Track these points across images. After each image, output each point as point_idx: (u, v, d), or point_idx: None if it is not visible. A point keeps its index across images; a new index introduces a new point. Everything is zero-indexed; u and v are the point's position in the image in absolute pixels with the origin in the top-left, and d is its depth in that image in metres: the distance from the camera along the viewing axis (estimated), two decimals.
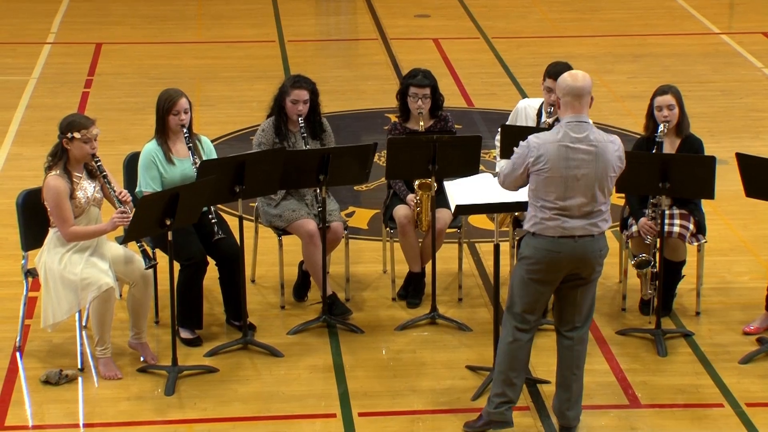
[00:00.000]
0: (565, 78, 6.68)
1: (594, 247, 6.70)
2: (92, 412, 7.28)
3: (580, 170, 6.61)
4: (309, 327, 8.15)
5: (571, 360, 6.89)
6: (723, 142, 11.11)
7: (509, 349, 6.85)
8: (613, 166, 6.67)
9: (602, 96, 12.58)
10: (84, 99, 12.52)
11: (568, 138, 6.61)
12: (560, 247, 6.67)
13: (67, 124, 7.42)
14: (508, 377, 6.86)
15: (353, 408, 7.27)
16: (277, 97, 8.30)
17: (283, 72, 13.17)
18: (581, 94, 6.64)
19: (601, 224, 6.71)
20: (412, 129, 8.40)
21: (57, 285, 7.44)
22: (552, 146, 6.61)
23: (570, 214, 6.64)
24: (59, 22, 15.27)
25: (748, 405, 7.29)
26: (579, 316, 6.86)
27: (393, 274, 8.61)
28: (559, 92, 6.69)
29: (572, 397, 6.92)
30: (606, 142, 6.66)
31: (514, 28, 15.08)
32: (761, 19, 15.40)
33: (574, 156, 6.60)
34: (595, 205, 6.66)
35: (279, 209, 8.28)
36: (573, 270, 6.73)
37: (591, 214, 6.66)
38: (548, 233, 6.66)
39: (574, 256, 6.68)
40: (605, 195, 6.69)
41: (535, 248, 6.72)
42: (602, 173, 6.64)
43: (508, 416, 6.90)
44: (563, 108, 6.68)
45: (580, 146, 6.61)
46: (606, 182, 6.66)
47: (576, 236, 6.66)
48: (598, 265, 6.77)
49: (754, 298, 8.36)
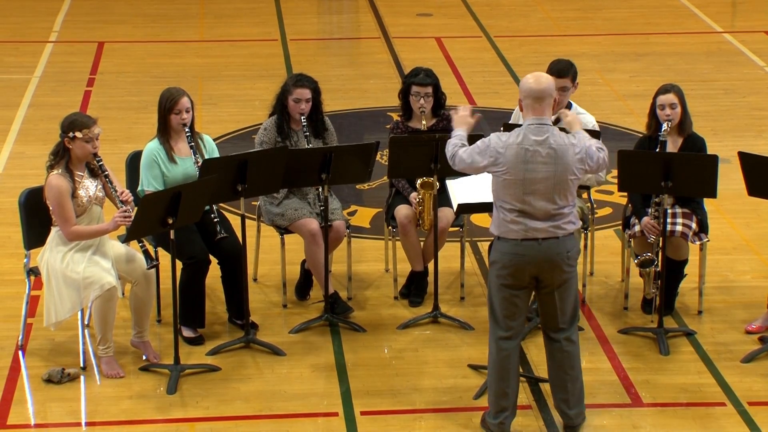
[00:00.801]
0: (527, 80, 6.68)
1: (560, 249, 6.68)
2: (94, 410, 7.28)
3: (539, 173, 6.60)
4: (311, 326, 8.15)
5: (562, 361, 6.88)
6: (725, 140, 11.11)
7: (497, 361, 6.85)
8: (572, 169, 6.65)
9: (605, 95, 12.58)
10: (86, 98, 12.53)
11: (528, 141, 6.62)
12: (525, 250, 6.66)
13: (68, 124, 7.43)
14: (500, 388, 6.86)
15: (355, 407, 7.27)
16: (280, 95, 8.30)
17: (285, 71, 13.17)
18: (542, 97, 6.63)
19: (565, 226, 6.69)
20: (414, 128, 8.40)
21: (59, 284, 7.44)
22: (511, 149, 6.61)
23: (531, 215, 6.64)
24: (61, 21, 15.28)
25: (750, 404, 7.29)
26: (563, 317, 6.84)
27: (395, 272, 8.61)
28: (521, 94, 6.70)
29: (570, 397, 6.91)
30: (566, 146, 6.65)
31: (516, 27, 15.08)
32: (764, 18, 15.39)
33: (532, 159, 6.60)
34: (556, 208, 6.64)
35: (281, 208, 8.28)
36: (539, 273, 6.70)
37: (553, 216, 6.65)
38: (511, 236, 6.67)
39: (539, 258, 6.66)
40: (567, 198, 6.66)
41: (501, 252, 6.73)
42: (561, 176, 6.63)
43: (505, 429, 6.90)
44: (525, 110, 6.69)
45: (539, 149, 6.61)
46: (566, 185, 6.64)
47: (539, 239, 6.65)
48: (567, 266, 6.72)
49: (757, 297, 8.36)
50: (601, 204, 9.88)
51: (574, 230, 6.77)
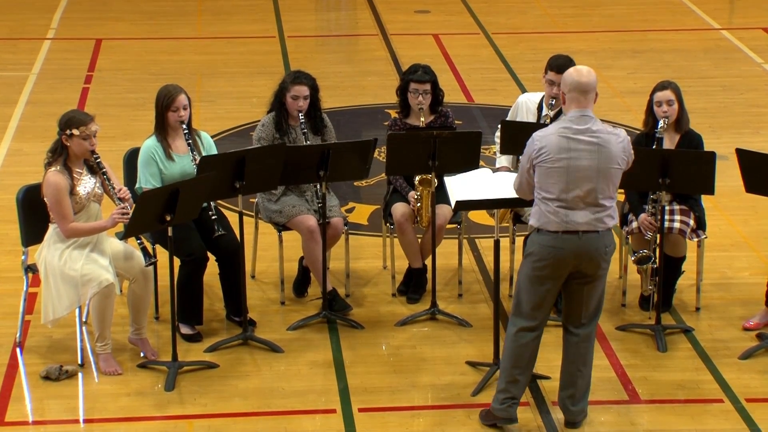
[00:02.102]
0: (571, 73, 6.68)
1: (599, 244, 6.69)
2: (92, 407, 7.28)
3: (582, 161, 6.60)
4: (309, 323, 8.15)
5: (577, 357, 6.89)
6: (723, 137, 11.11)
7: (513, 347, 6.85)
8: (617, 158, 6.67)
9: (602, 92, 12.44)
10: (84, 95, 12.52)
11: (570, 130, 6.62)
12: (564, 243, 6.66)
13: (66, 121, 7.42)
14: (512, 374, 6.87)
15: (353, 403, 7.27)
16: (278, 92, 8.30)
17: (283, 68, 13.17)
18: (587, 90, 6.65)
19: (606, 220, 6.69)
20: (412, 125, 8.40)
21: (57, 281, 7.44)
22: (553, 137, 6.62)
23: (572, 206, 6.63)
24: (59, 18, 15.27)
25: (747, 400, 7.29)
26: (586, 312, 6.85)
27: (393, 269, 8.61)
28: (565, 87, 6.69)
29: (576, 393, 6.92)
30: (609, 134, 6.66)
31: (514, 24, 15.08)
32: (761, 15, 15.39)
33: (575, 147, 6.60)
34: (598, 197, 6.64)
35: (279, 205, 8.28)
36: (577, 267, 6.72)
37: (594, 207, 6.65)
38: (551, 228, 6.66)
39: (579, 252, 6.67)
40: (609, 189, 6.67)
41: (540, 245, 6.71)
42: (604, 165, 6.63)
43: (512, 413, 6.91)
44: (568, 103, 6.69)
45: (581, 137, 6.61)
46: (609, 175, 6.65)
47: (580, 231, 6.65)
48: (604, 261, 6.75)
49: (754, 294, 8.36)
50: None
51: (613, 225, 6.77)
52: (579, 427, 6.96)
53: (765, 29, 14.79)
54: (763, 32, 14.69)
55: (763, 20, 15.15)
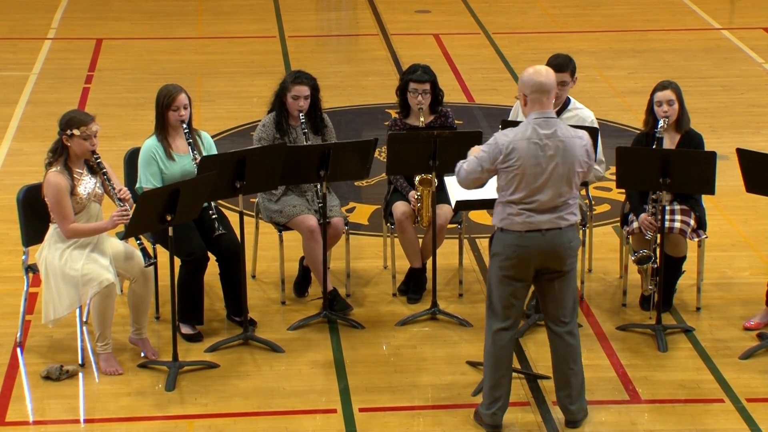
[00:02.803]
0: (529, 74, 6.66)
1: (563, 239, 6.71)
2: (93, 407, 7.28)
3: (549, 166, 6.62)
4: (309, 322, 8.15)
5: (566, 355, 6.90)
6: (724, 137, 11.11)
7: (493, 351, 6.88)
8: (579, 161, 6.68)
9: (603, 91, 12.58)
10: (84, 94, 12.52)
11: (536, 135, 6.63)
12: (528, 241, 6.68)
13: (66, 121, 7.42)
14: (494, 379, 6.89)
15: (354, 403, 7.27)
16: (278, 92, 8.30)
17: (283, 67, 13.17)
18: (548, 90, 6.64)
19: (568, 216, 6.72)
20: (412, 125, 8.40)
21: (58, 281, 7.44)
22: (522, 143, 6.62)
23: (536, 209, 6.66)
24: (60, 18, 15.27)
25: (748, 400, 7.29)
26: (563, 310, 6.86)
27: (393, 269, 8.61)
28: (525, 89, 6.68)
29: (572, 392, 6.92)
30: (573, 138, 6.68)
31: (514, 24, 15.08)
32: (762, 15, 15.39)
33: (543, 153, 6.61)
34: (561, 198, 6.67)
35: (279, 205, 8.28)
36: (543, 263, 6.74)
37: (558, 207, 6.68)
38: (515, 228, 6.68)
39: (543, 249, 6.69)
40: (572, 189, 6.69)
41: (504, 244, 6.74)
42: (569, 168, 6.65)
43: (497, 420, 6.92)
44: (530, 105, 6.68)
45: (548, 143, 6.62)
46: (573, 177, 6.68)
47: (543, 230, 6.67)
48: (569, 257, 6.76)
49: (755, 294, 8.36)
50: (600, 201, 9.88)
51: (576, 221, 6.78)
52: (580, 426, 6.97)
53: (765, 29, 14.78)
54: (764, 32, 14.68)
55: (763, 20, 15.14)
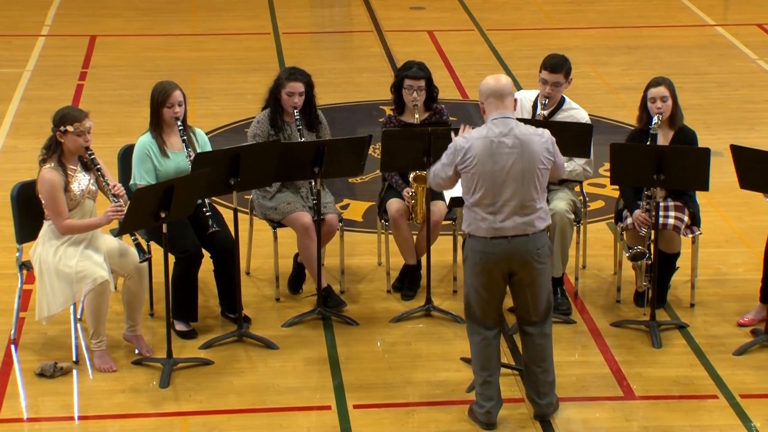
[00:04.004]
0: (486, 81, 6.79)
1: (529, 247, 6.71)
2: (87, 404, 7.28)
3: (507, 163, 6.64)
4: (304, 319, 8.15)
5: (534, 354, 6.91)
6: (718, 133, 11.12)
7: (477, 351, 6.90)
8: (540, 158, 6.69)
9: (597, 88, 12.58)
10: (78, 91, 12.51)
11: (492, 133, 6.67)
12: (494, 248, 6.70)
13: (60, 118, 7.42)
14: (482, 377, 6.90)
15: (348, 400, 7.28)
16: (273, 89, 8.30)
17: (278, 64, 13.16)
18: (503, 95, 6.73)
19: (536, 223, 6.72)
20: (407, 121, 8.40)
21: (52, 278, 7.43)
22: (477, 142, 6.65)
23: (500, 212, 6.66)
24: (54, 15, 15.25)
25: (742, 396, 7.30)
26: (535, 311, 6.87)
27: (388, 266, 8.61)
28: (482, 97, 6.78)
29: (541, 388, 6.94)
30: (532, 135, 6.70)
31: (509, 20, 15.08)
32: (756, 11, 15.40)
33: (499, 150, 6.64)
34: (525, 200, 6.67)
35: (274, 202, 8.28)
36: (510, 269, 6.74)
37: (523, 211, 6.68)
38: (481, 234, 6.70)
39: (509, 256, 6.70)
40: (536, 191, 6.69)
41: (472, 251, 6.77)
42: (528, 166, 6.66)
43: (491, 418, 6.93)
44: (488, 109, 6.77)
45: (504, 140, 6.65)
46: (535, 176, 6.67)
47: (509, 236, 6.67)
48: (537, 263, 6.75)
49: (749, 290, 8.37)
50: (594, 197, 9.89)
51: (545, 227, 6.78)
52: (549, 419, 6.98)
53: (759, 25, 14.80)
54: (758, 28, 14.69)
55: (757, 16, 15.15)
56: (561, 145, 7.85)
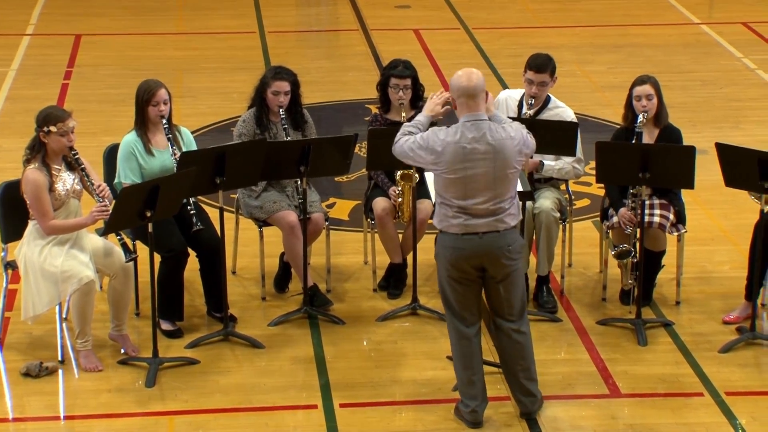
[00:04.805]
0: (458, 77, 6.70)
1: (500, 243, 6.70)
2: (73, 404, 7.27)
3: (479, 169, 6.62)
4: (290, 318, 8.15)
5: (513, 352, 6.91)
6: (704, 132, 11.14)
7: (458, 350, 6.90)
8: (513, 162, 6.66)
9: (583, 86, 12.60)
10: (64, 90, 12.49)
11: (465, 138, 6.64)
12: (464, 243, 6.69)
13: (43, 118, 7.40)
14: (466, 376, 6.90)
15: (334, 399, 7.27)
16: (258, 88, 8.29)
17: (263, 63, 13.15)
18: (475, 94, 6.66)
19: (507, 219, 6.72)
20: (393, 120, 8.40)
21: (37, 277, 7.42)
22: (449, 148, 6.63)
23: (473, 213, 6.67)
24: (39, 14, 15.22)
25: (727, 394, 7.31)
26: (510, 309, 6.86)
27: (374, 265, 8.61)
28: (453, 93, 6.72)
29: (522, 388, 6.94)
30: (504, 140, 6.66)
31: (494, 19, 15.09)
32: (741, 9, 15.44)
33: (471, 156, 6.62)
34: (497, 202, 6.67)
35: (260, 201, 8.27)
36: (480, 266, 6.74)
37: (495, 211, 6.68)
38: (452, 230, 6.70)
39: (479, 252, 6.69)
40: (507, 192, 6.68)
41: (443, 247, 6.77)
42: (501, 172, 6.64)
43: (477, 417, 6.93)
44: (460, 108, 6.72)
45: (477, 146, 6.63)
46: (507, 179, 6.66)
47: (480, 233, 6.67)
48: (508, 259, 6.74)
49: (734, 288, 8.38)
50: (579, 195, 9.90)
51: (516, 224, 6.78)
52: (535, 417, 6.98)
53: (745, 24, 14.83)
54: (743, 27, 14.73)
55: (742, 15, 15.19)
56: (547, 143, 7.90)
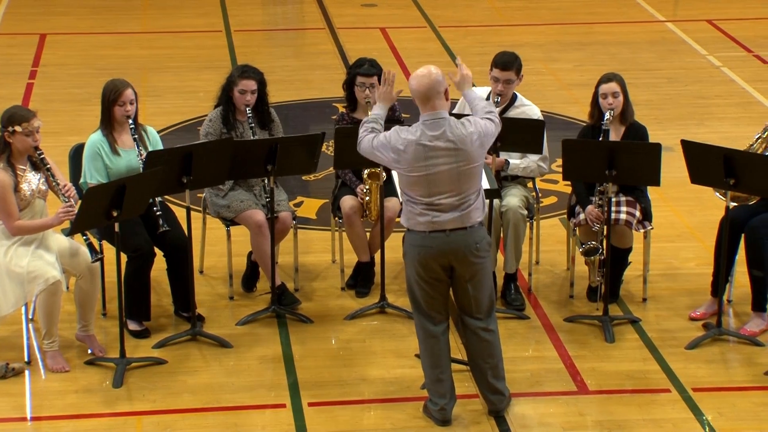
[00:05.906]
0: (412, 82, 6.69)
1: (468, 241, 6.70)
2: (40, 405, 7.23)
3: (441, 167, 6.62)
4: (258, 317, 8.13)
5: (481, 350, 6.92)
6: (669, 129, 11.19)
7: (426, 348, 6.91)
8: (475, 157, 6.67)
9: (549, 84, 12.63)
10: (29, 90, 12.42)
11: (425, 137, 6.64)
12: (432, 241, 6.69)
13: (7, 118, 7.36)
14: (434, 374, 6.91)
15: (303, 398, 7.27)
16: (225, 87, 8.27)
17: (230, 62, 13.12)
18: (430, 96, 6.66)
19: (473, 214, 6.72)
20: (359, 119, 8.39)
21: (3, 278, 7.37)
22: (410, 147, 6.63)
23: (439, 209, 6.67)
24: (2, 13, 15.12)
25: (694, 390, 7.35)
26: (478, 307, 6.87)
27: (342, 263, 8.61)
28: (412, 93, 6.72)
29: (491, 384, 6.96)
30: (464, 136, 6.66)
31: (460, 17, 15.11)
32: (706, 7, 15.52)
33: (432, 154, 6.62)
34: (462, 196, 6.67)
35: (227, 200, 8.25)
36: (448, 265, 6.73)
37: (460, 206, 6.68)
38: (420, 228, 6.70)
39: (446, 249, 6.69)
40: (472, 186, 6.68)
41: (410, 245, 6.77)
42: (464, 167, 6.65)
43: (446, 414, 6.94)
44: (420, 107, 6.72)
45: (437, 144, 6.63)
46: (470, 174, 6.66)
47: (447, 230, 6.68)
48: (475, 258, 6.74)
49: (701, 284, 8.43)
50: (546, 193, 9.93)
51: (481, 219, 6.78)
52: (503, 414, 7.00)
53: (709, 21, 14.91)
54: (708, 24, 14.81)
55: (707, 12, 15.27)
56: (514, 142, 7.92)
